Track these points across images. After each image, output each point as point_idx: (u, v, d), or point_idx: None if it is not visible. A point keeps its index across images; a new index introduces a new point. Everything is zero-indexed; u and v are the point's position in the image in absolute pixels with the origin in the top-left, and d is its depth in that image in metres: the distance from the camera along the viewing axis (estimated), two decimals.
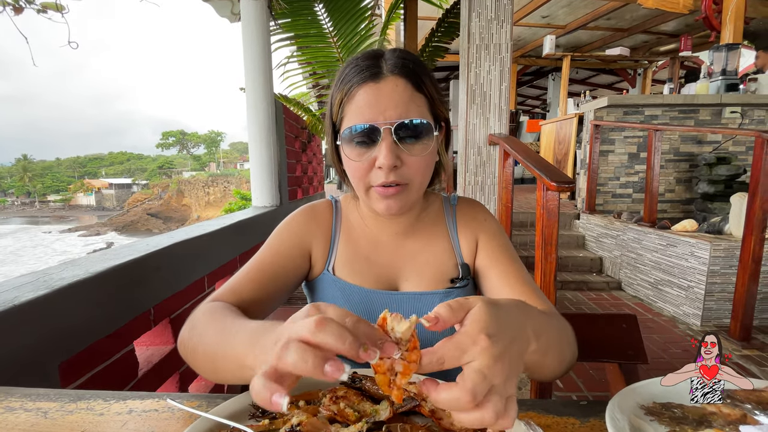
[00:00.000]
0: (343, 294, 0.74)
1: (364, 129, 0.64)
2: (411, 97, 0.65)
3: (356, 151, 0.66)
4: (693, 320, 2.85)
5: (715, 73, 4.24)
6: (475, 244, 0.77)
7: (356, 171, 0.67)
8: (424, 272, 0.76)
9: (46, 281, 0.91)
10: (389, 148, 0.63)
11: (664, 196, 4.28)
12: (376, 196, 0.68)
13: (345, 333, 0.34)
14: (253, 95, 2.42)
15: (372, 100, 0.64)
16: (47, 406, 0.56)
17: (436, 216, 0.80)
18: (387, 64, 0.66)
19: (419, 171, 0.67)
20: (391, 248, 0.77)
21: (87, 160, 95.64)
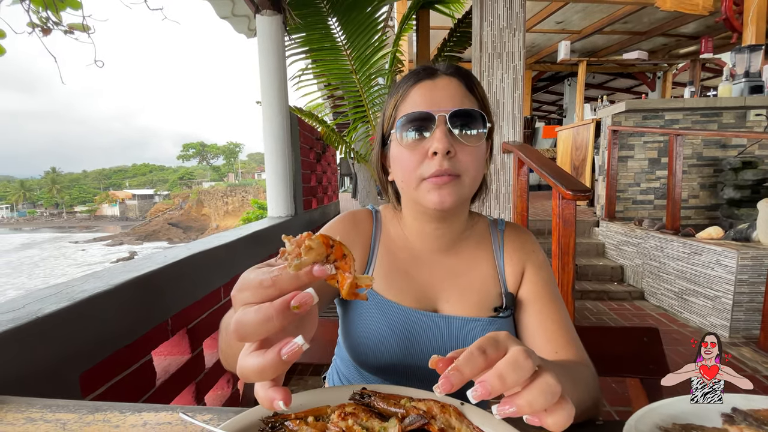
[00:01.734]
0: (380, 311, 0.70)
1: (418, 116, 0.64)
2: (464, 94, 0.66)
3: (410, 141, 0.65)
4: (721, 331, 2.73)
5: (738, 75, 4.11)
6: (520, 275, 0.74)
7: (409, 163, 0.66)
8: (466, 296, 0.72)
9: (68, 293, 0.94)
10: (444, 132, 0.62)
11: (688, 202, 4.15)
12: (428, 187, 0.65)
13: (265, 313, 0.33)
14: (269, 108, 2.47)
15: (426, 93, 0.66)
16: (66, 418, 0.58)
17: (481, 238, 0.77)
18: (441, 67, 0.69)
19: (472, 163, 0.65)
20: (432, 265, 0.74)
21: (112, 172, 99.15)
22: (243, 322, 0.33)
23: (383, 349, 0.69)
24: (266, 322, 0.33)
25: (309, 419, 0.52)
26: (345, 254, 0.37)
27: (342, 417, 0.51)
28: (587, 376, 0.61)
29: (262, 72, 2.45)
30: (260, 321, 0.33)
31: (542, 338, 0.68)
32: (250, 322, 0.33)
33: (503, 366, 0.35)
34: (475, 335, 0.67)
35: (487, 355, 0.36)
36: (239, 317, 0.34)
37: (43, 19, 2.02)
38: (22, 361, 0.76)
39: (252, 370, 0.34)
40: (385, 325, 0.69)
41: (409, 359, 0.69)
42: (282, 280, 0.34)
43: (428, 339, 0.69)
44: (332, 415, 0.51)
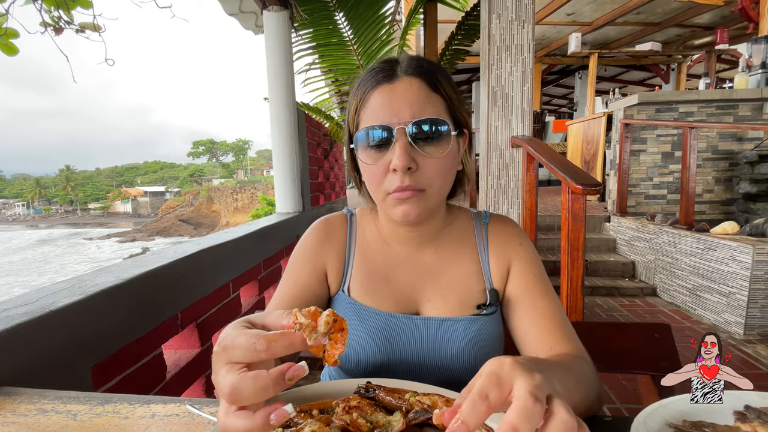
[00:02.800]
0: (359, 317, 0.69)
1: (377, 130, 0.61)
2: (427, 97, 0.62)
3: (371, 155, 0.63)
4: (735, 328, 2.68)
5: (755, 67, 3.99)
6: (506, 270, 0.71)
7: (372, 177, 0.64)
8: (447, 294, 0.70)
9: (81, 287, 0.96)
10: (403, 148, 0.60)
11: (702, 196, 4.06)
12: (392, 202, 0.64)
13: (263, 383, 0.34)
14: (276, 105, 2.47)
15: (385, 101, 0.62)
16: (77, 409, 0.59)
17: (464, 233, 0.74)
18: (401, 66, 0.64)
19: (437, 175, 0.63)
20: (411, 266, 0.72)
21: (124, 169, 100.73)
22: (239, 390, 0.34)
23: (363, 356, 0.68)
24: (262, 391, 0.34)
25: (314, 412, 0.52)
26: (343, 328, 0.41)
27: (347, 410, 0.51)
28: (587, 371, 0.59)
29: (270, 68, 2.45)
30: (257, 390, 0.34)
31: (535, 335, 0.65)
32: (247, 390, 0.34)
33: (515, 418, 0.31)
34: (457, 336, 0.67)
35: (490, 399, 0.33)
36: (235, 384, 0.34)
37: (55, 18, 2.05)
38: (36, 353, 0.78)
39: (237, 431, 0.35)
40: (363, 333, 0.68)
41: (390, 365, 0.68)
42: (277, 346, 0.36)
43: (408, 343, 0.68)
44: (337, 409, 0.51)
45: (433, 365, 0.67)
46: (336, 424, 0.49)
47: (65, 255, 33.95)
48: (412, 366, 0.68)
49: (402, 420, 0.49)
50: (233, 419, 0.35)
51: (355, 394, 0.56)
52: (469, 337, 0.66)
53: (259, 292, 1.97)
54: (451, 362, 0.67)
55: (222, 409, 0.36)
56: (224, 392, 0.35)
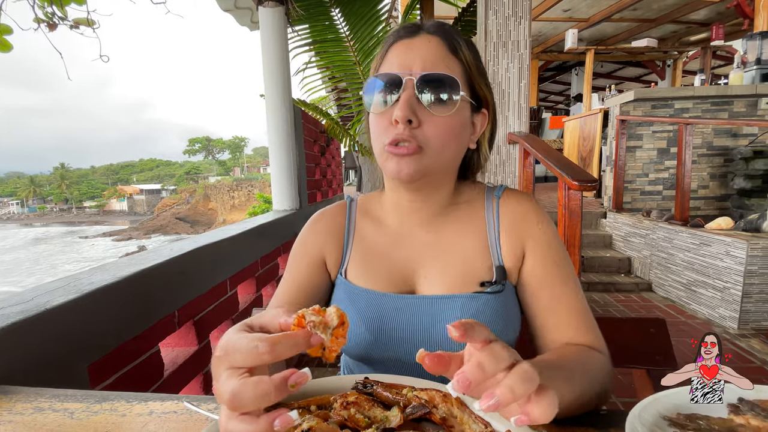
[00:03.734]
0: (350, 299, 0.68)
1: (386, 78, 0.61)
2: (443, 56, 0.61)
3: (378, 104, 0.62)
4: (729, 323, 2.71)
5: (750, 63, 4.02)
6: (521, 250, 0.66)
7: (376, 128, 0.63)
8: (447, 272, 0.66)
9: (76, 286, 0.95)
10: (407, 100, 0.58)
11: (697, 192, 4.09)
12: (387, 156, 0.61)
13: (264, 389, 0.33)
14: (272, 101, 2.46)
15: (401, 53, 0.61)
16: (74, 407, 0.59)
17: (473, 208, 0.70)
18: (425, 25, 0.64)
19: (437, 134, 0.60)
20: (412, 242, 0.69)
21: (119, 167, 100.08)
22: (240, 396, 0.33)
23: (354, 338, 0.66)
24: (263, 397, 0.33)
25: (312, 408, 0.52)
26: (344, 322, 0.41)
27: (344, 406, 0.51)
28: (595, 366, 0.57)
29: (265, 64, 2.44)
30: (258, 396, 0.33)
31: (555, 323, 0.62)
32: (248, 396, 0.33)
33: (482, 356, 0.36)
34: (452, 314, 0.63)
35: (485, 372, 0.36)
36: (237, 389, 0.34)
37: (49, 14, 2.03)
38: (31, 352, 0.78)
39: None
40: (353, 313, 0.66)
41: (380, 346, 0.66)
42: (281, 348, 0.35)
43: (400, 323, 0.65)
44: (335, 404, 0.52)
45: (428, 344, 0.64)
46: (334, 420, 0.49)
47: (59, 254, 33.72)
48: (406, 346, 0.65)
49: (399, 415, 0.50)
50: (235, 424, 0.34)
51: (352, 389, 0.56)
52: (467, 316, 0.62)
53: (257, 289, 1.97)
54: (447, 342, 0.64)
55: (223, 415, 0.35)
56: (225, 398, 0.34)
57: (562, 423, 0.52)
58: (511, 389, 0.34)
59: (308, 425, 0.46)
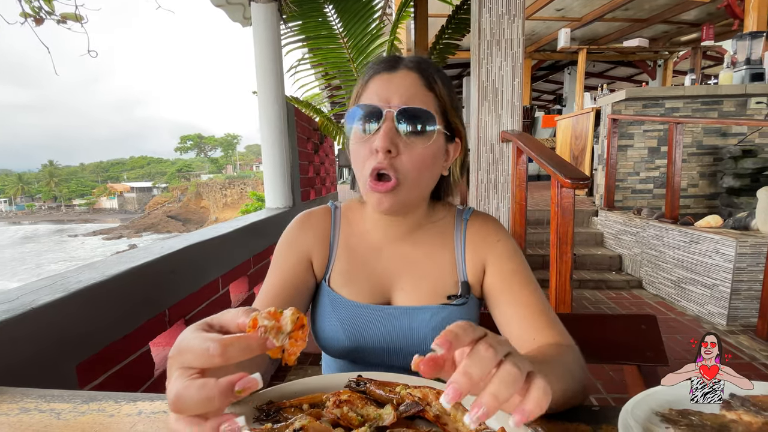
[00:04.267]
0: (332, 307, 0.73)
1: (366, 109, 0.64)
2: (420, 91, 0.66)
3: (359, 136, 0.66)
4: (718, 319, 2.75)
5: (739, 63, 4.07)
6: (482, 266, 0.73)
7: (357, 157, 0.67)
8: (419, 285, 0.73)
9: (63, 284, 0.94)
10: (387, 131, 0.62)
11: (687, 191, 4.14)
12: (368, 189, 0.66)
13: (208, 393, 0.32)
14: (265, 98, 2.44)
15: (382, 87, 0.66)
16: (60, 407, 0.57)
17: (444, 227, 0.77)
18: (404, 60, 0.69)
19: (415, 166, 0.65)
20: (391, 255, 0.75)
21: (109, 164, 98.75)
22: (183, 398, 0.33)
23: (336, 343, 0.72)
24: (207, 402, 0.32)
25: (304, 407, 0.51)
26: (303, 324, 0.39)
27: (337, 404, 0.51)
28: (570, 360, 0.59)
29: (258, 61, 2.42)
30: (201, 400, 0.32)
31: (518, 326, 0.66)
32: (191, 399, 0.32)
33: (466, 362, 0.35)
34: (424, 323, 0.70)
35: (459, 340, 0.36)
36: (180, 391, 0.33)
37: (36, 8, 1.99)
38: (17, 352, 0.76)
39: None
40: (336, 321, 0.71)
41: (360, 351, 0.71)
42: (233, 350, 0.34)
43: (376, 331, 0.71)
44: (327, 403, 0.51)
45: (400, 351, 0.71)
46: (327, 418, 0.49)
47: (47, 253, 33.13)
48: (381, 352, 0.71)
49: (393, 413, 0.49)
50: (181, 427, 0.33)
51: (345, 387, 0.56)
52: (434, 324, 0.69)
53: (249, 287, 1.95)
54: (417, 348, 0.70)
55: (172, 416, 0.35)
56: (169, 401, 0.33)
57: (555, 419, 0.52)
58: (495, 397, 0.34)
59: (300, 424, 0.45)
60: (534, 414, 0.35)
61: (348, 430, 0.48)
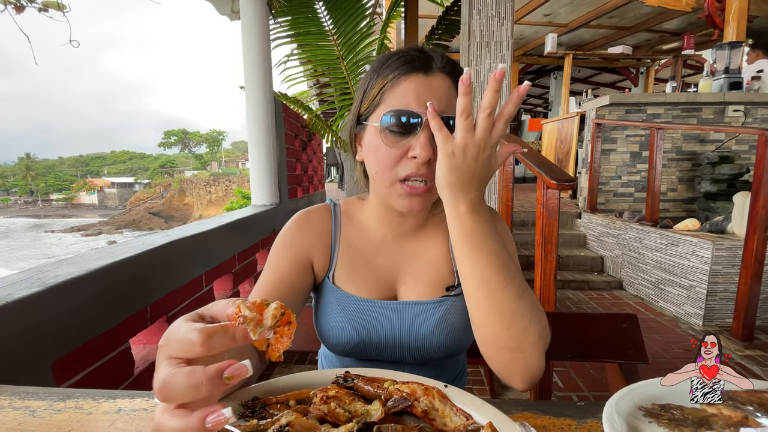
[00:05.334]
0: (339, 304, 0.73)
1: (407, 114, 0.62)
2: (453, 96, 0.64)
3: (391, 138, 0.64)
4: (695, 320, 2.83)
5: (718, 72, 4.21)
6: None
7: (386, 159, 0.64)
8: (420, 277, 0.74)
9: (40, 278, 0.90)
10: (428, 138, 0.61)
11: (667, 195, 4.26)
12: (401, 191, 0.65)
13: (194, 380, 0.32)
14: (253, 93, 2.41)
15: (420, 91, 0.63)
16: (35, 405, 0.55)
17: (441, 220, 0.77)
18: (436, 61, 0.66)
19: None
20: (393, 251, 0.75)
21: (89, 159, 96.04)
22: (169, 385, 0.32)
23: (343, 339, 0.72)
24: (194, 389, 0.32)
25: (291, 403, 0.51)
26: (291, 321, 0.38)
27: (325, 400, 0.50)
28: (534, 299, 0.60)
29: (246, 55, 2.38)
30: (188, 387, 0.32)
31: None
32: (177, 386, 0.32)
33: None
34: (426, 318, 0.71)
35: None
36: (167, 378, 0.32)
37: None
38: None
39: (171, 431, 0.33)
40: (343, 318, 0.71)
41: (367, 347, 0.72)
42: (216, 341, 0.33)
43: (383, 327, 0.71)
44: (315, 399, 0.50)
45: (407, 346, 0.71)
46: (313, 414, 0.48)
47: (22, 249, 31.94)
48: (388, 347, 0.72)
49: (381, 409, 0.49)
50: (167, 418, 0.33)
51: (333, 383, 0.55)
52: (436, 319, 0.70)
53: (234, 285, 1.92)
54: (422, 342, 0.71)
55: (158, 408, 0.34)
56: (156, 388, 0.33)
57: (541, 413, 0.53)
58: None
59: (287, 420, 0.45)
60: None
61: (335, 426, 0.47)
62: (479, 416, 0.50)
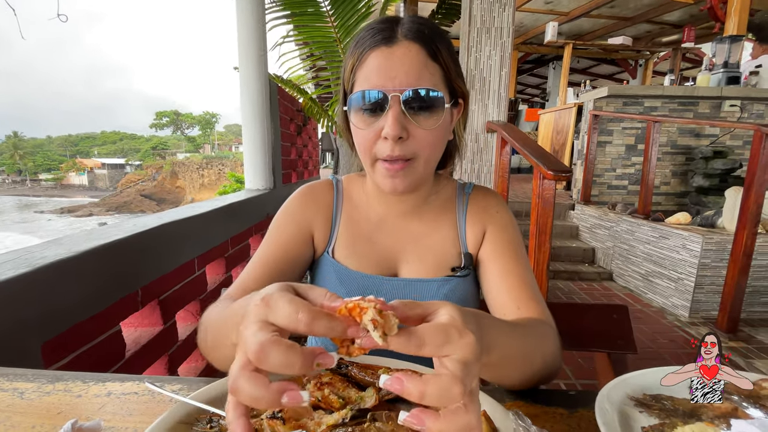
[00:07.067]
0: (339, 278, 0.72)
1: (371, 95, 0.61)
2: (424, 64, 0.61)
3: (363, 119, 0.62)
4: (681, 311, 2.89)
5: (717, 66, 4.20)
6: (482, 235, 0.74)
7: (363, 141, 0.64)
8: (425, 257, 0.73)
9: (27, 259, 0.88)
10: (395, 117, 0.59)
11: (659, 188, 4.29)
12: (382, 172, 0.64)
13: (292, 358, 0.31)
14: (247, 74, 2.35)
15: (382, 65, 0.60)
16: (24, 387, 0.54)
17: (447, 201, 0.77)
18: (402, 28, 0.62)
19: (427, 145, 0.63)
20: (395, 229, 0.74)
21: (79, 138, 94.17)
22: (267, 352, 0.31)
23: None
24: (288, 366, 0.31)
25: None
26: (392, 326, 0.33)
27: (318, 387, 0.50)
28: (543, 332, 0.59)
29: (240, 35, 2.32)
30: (285, 361, 0.31)
31: (505, 295, 0.68)
32: (274, 357, 0.31)
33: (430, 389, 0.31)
34: (430, 295, 0.71)
35: (424, 347, 0.32)
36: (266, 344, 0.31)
37: None
38: None
39: (246, 394, 0.31)
40: (343, 293, 0.69)
41: None
42: (319, 325, 0.32)
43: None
44: (308, 385, 0.50)
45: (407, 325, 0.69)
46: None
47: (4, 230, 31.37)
48: None
49: (375, 395, 0.49)
50: (247, 380, 0.31)
51: (327, 369, 0.55)
52: (440, 296, 0.70)
53: (226, 269, 1.91)
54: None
55: (238, 363, 0.32)
56: (251, 348, 0.31)
57: (534, 402, 0.53)
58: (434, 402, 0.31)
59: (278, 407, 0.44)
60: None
61: (329, 412, 0.47)
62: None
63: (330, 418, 0.45)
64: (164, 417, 0.44)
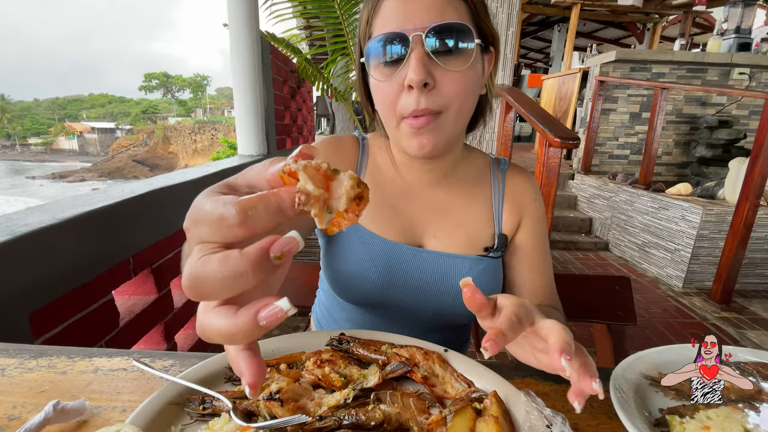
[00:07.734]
0: (362, 243, 0.66)
1: (389, 38, 0.53)
2: (449, 3, 0.54)
3: (383, 70, 0.55)
4: (675, 282, 2.92)
5: (728, 31, 4.04)
6: (518, 221, 0.71)
7: (384, 97, 0.57)
8: (455, 233, 0.68)
9: (8, 227, 0.84)
10: (419, 59, 0.52)
11: (661, 158, 4.23)
12: (407, 131, 0.57)
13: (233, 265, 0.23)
14: (238, 31, 2.21)
15: (400, 6, 0.54)
16: (5, 363, 0.51)
17: (480, 175, 0.72)
18: None
19: (458, 93, 0.55)
20: (421, 199, 0.69)
21: (66, 101, 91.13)
22: (200, 278, 0.23)
23: (362, 281, 0.66)
24: (236, 278, 0.23)
25: (281, 367, 0.47)
26: (363, 197, 0.27)
27: (318, 364, 0.47)
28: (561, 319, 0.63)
29: None
30: (227, 278, 0.23)
31: (529, 291, 0.70)
32: (211, 278, 0.23)
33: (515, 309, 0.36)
34: (461, 272, 0.66)
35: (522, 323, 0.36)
36: (196, 270, 0.24)
37: None
38: None
39: (217, 333, 0.24)
40: (366, 258, 0.66)
41: (388, 292, 0.66)
42: (257, 215, 0.23)
43: (410, 273, 0.66)
44: (307, 363, 0.47)
45: (432, 298, 0.67)
46: (306, 380, 0.45)
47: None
48: (412, 293, 0.67)
49: (378, 373, 0.46)
50: (209, 318, 0.25)
51: (327, 346, 0.52)
52: (473, 275, 0.66)
53: None
54: (451, 298, 0.67)
55: (200, 308, 0.26)
56: (183, 285, 0.24)
57: (544, 380, 0.51)
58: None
59: (277, 386, 0.41)
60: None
61: (330, 392, 0.45)
62: (481, 382, 0.47)
63: (331, 399, 0.42)
64: (154, 397, 0.41)
